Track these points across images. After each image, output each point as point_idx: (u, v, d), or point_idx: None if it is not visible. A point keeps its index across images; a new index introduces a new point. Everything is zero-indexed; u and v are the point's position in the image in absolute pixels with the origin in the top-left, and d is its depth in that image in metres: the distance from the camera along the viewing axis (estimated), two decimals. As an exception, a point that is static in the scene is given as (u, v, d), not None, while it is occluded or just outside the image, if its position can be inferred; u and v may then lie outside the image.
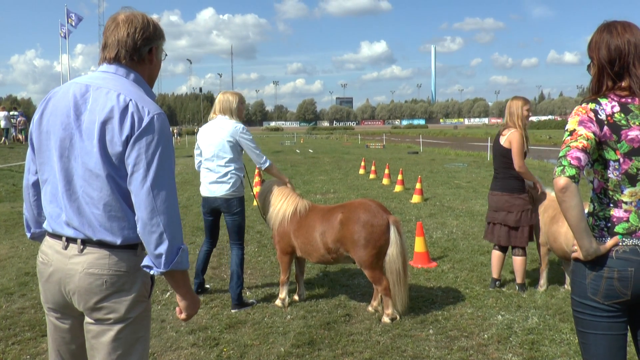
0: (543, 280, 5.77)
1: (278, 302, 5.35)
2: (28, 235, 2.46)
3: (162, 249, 2.04)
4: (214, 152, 5.19)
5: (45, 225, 2.24)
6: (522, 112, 5.50)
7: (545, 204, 5.66)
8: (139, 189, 2.03)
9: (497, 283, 5.84)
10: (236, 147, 5.20)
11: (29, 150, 2.30)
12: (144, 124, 2.05)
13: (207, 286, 5.87)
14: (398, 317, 4.89)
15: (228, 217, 5.29)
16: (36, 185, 2.31)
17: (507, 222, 5.58)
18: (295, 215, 5.21)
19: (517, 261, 5.70)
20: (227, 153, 5.16)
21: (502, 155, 5.54)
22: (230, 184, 5.19)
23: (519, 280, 5.73)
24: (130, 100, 2.07)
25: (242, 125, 5.25)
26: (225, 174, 5.18)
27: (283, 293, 5.36)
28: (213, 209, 5.36)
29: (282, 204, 5.28)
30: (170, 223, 2.05)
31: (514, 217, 5.56)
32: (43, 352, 4.24)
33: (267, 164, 5.31)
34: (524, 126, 5.51)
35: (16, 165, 17.35)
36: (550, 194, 5.66)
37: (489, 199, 5.80)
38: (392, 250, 4.80)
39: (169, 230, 2.05)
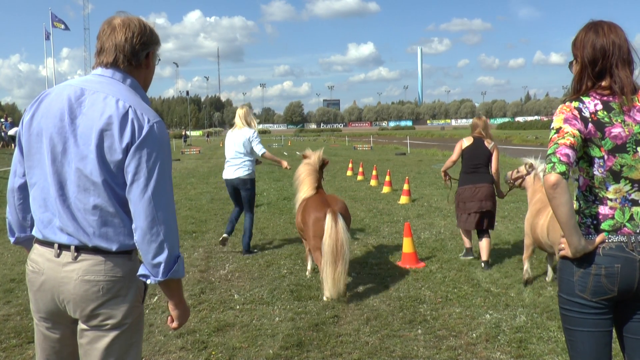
0: (527, 266, 5.99)
1: (307, 273, 6.49)
2: (12, 240, 2.37)
3: (162, 258, 2.02)
4: (235, 148, 7.42)
5: (34, 232, 2.18)
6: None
7: (537, 197, 5.92)
8: (139, 199, 2.00)
9: (472, 250, 6.97)
10: (249, 145, 7.38)
11: (17, 152, 2.23)
12: (144, 132, 2.01)
13: (226, 237, 7.69)
14: (327, 297, 5.45)
15: (243, 191, 7.51)
16: (22, 189, 2.24)
17: (493, 208, 6.75)
18: (304, 200, 6.42)
19: (487, 242, 6.71)
20: (245, 148, 7.39)
21: (487, 156, 6.79)
22: (245, 168, 7.42)
23: (485, 257, 6.61)
24: (130, 106, 2.04)
25: (254, 131, 7.49)
26: (242, 162, 7.42)
27: (309, 265, 6.58)
28: (234, 187, 7.54)
29: (300, 193, 6.67)
30: (169, 232, 2.04)
31: (494, 204, 6.79)
32: (29, 359, 4.20)
33: (261, 151, 7.43)
34: None
35: (1, 171, 17.17)
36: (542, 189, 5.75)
37: (473, 192, 6.67)
38: (325, 236, 5.50)
39: (169, 239, 2.03)
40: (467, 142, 6.91)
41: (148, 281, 2.07)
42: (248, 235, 7.55)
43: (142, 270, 2.07)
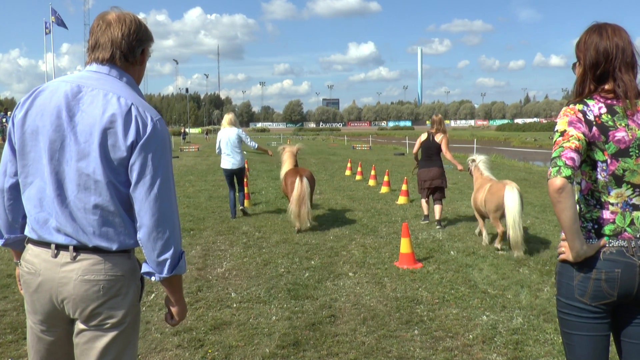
0: (484, 233, 7.99)
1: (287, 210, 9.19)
2: (0, 242, 2.28)
3: (168, 255, 2.03)
4: (229, 144, 9.99)
5: (28, 232, 2.13)
6: (444, 124, 9.54)
7: (479, 182, 8.08)
8: (145, 197, 1.99)
9: (427, 217, 9.63)
10: (240, 140, 10.05)
11: (7, 151, 2.16)
12: (149, 130, 2.01)
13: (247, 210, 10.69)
14: (297, 228, 8.86)
15: (238, 175, 10.19)
16: (13, 189, 2.17)
17: (443, 184, 9.40)
18: (286, 172, 9.61)
19: (439, 207, 9.38)
20: (237, 144, 10.03)
21: (436, 147, 9.28)
22: (239, 160, 10.08)
23: (438, 217, 9.27)
24: (132, 104, 2.02)
25: (241, 129, 10.22)
26: (237, 155, 10.04)
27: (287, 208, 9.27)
28: (230, 174, 10.12)
29: (284, 167, 9.87)
30: (174, 229, 2.06)
31: (444, 181, 9.46)
32: (25, 355, 4.18)
33: (255, 146, 10.22)
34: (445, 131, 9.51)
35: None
36: (483, 175, 8.09)
37: (427, 173, 9.29)
38: (294, 188, 8.78)
39: (174, 236, 2.05)
40: (423, 137, 9.55)
41: (152, 278, 2.07)
42: (242, 199, 10.42)
43: (145, 268, 2.07)
